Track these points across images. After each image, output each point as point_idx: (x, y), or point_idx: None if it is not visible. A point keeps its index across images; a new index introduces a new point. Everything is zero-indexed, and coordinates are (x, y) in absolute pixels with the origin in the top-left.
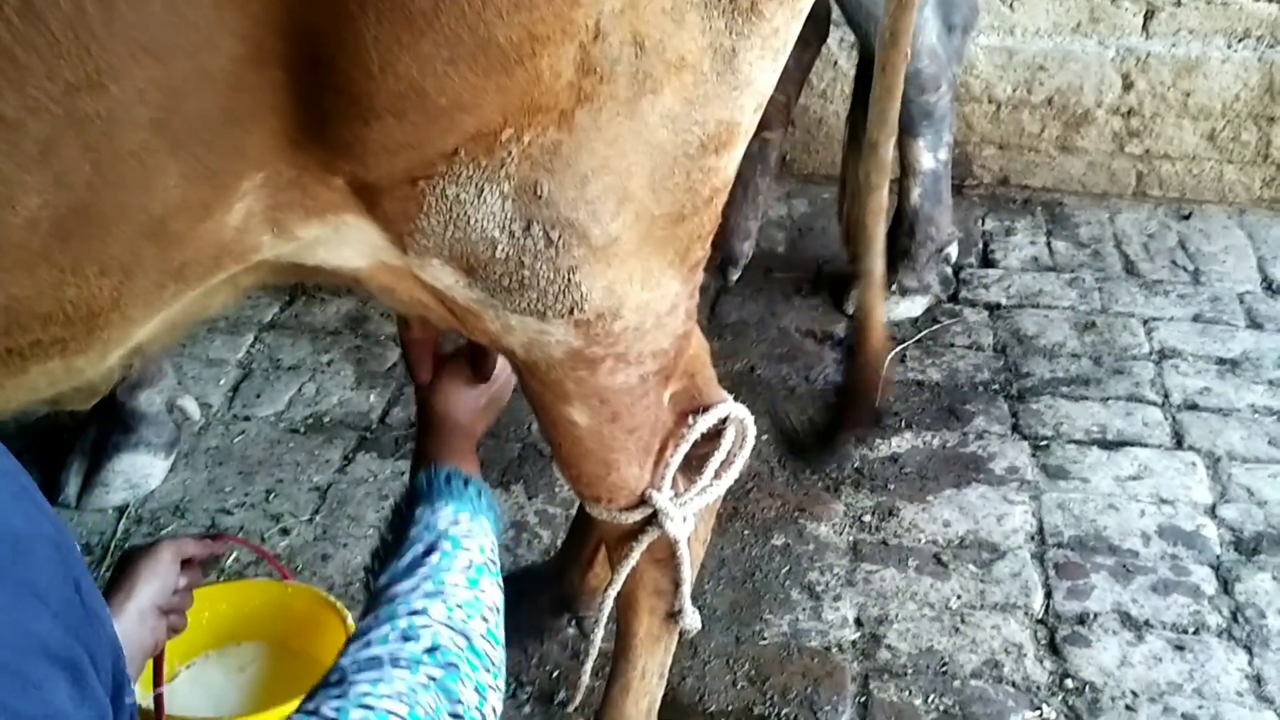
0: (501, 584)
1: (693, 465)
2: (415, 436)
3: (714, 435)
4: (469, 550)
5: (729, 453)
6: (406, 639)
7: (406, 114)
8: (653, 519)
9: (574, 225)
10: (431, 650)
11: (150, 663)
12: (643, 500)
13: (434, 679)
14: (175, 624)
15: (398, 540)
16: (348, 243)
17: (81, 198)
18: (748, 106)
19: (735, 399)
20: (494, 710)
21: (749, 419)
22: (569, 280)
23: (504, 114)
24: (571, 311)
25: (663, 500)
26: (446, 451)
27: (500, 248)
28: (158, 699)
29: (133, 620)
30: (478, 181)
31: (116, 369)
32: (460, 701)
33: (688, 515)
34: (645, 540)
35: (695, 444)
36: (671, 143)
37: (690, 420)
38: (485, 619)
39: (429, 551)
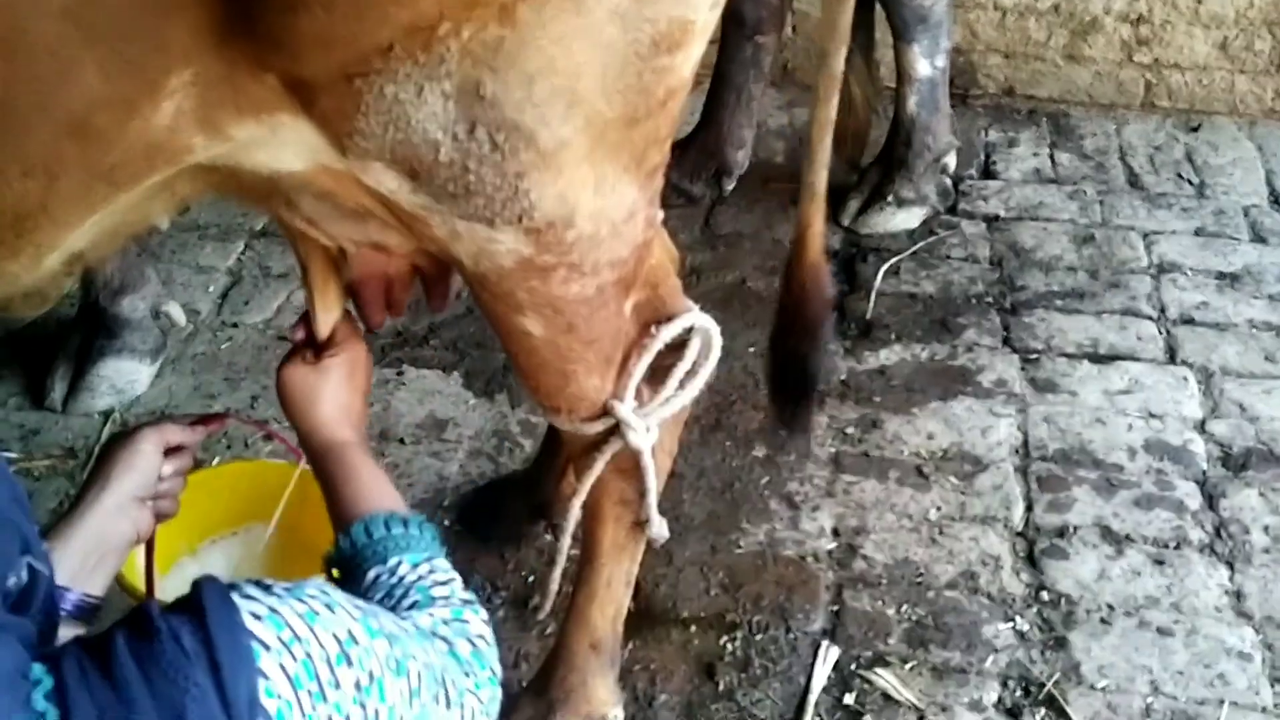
0: (485, 618)
1: (657, 376)
2: (312, 460)
3: (679, 346)
4: (442, 597)
5: (694, 363)
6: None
7: (335, 4)
8: (615, 430)
9: (520, 128)
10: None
11: (139, 550)
12: (605, 411)
13: (405, 629)
14: (163, 510)
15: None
16: (285, 144)
17: None
18: (702, 3)
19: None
20: (473, 711)
21: (714, 329)
22: (516, 187)
23: (440, 6)
24: (520, 219)
25: (625, 411)
26: (357, 480)
27: (444, 151)
28: (149, 585)
29: (109, 512)
30: (417, 80)
31: (61, 276)
32: (426, 655)
33: (651, 426)
34: (608, 451)
35: (660, 354)
36: (621, 41)
37: (653, 330)
38: (472, 642)
39: (403, 603)
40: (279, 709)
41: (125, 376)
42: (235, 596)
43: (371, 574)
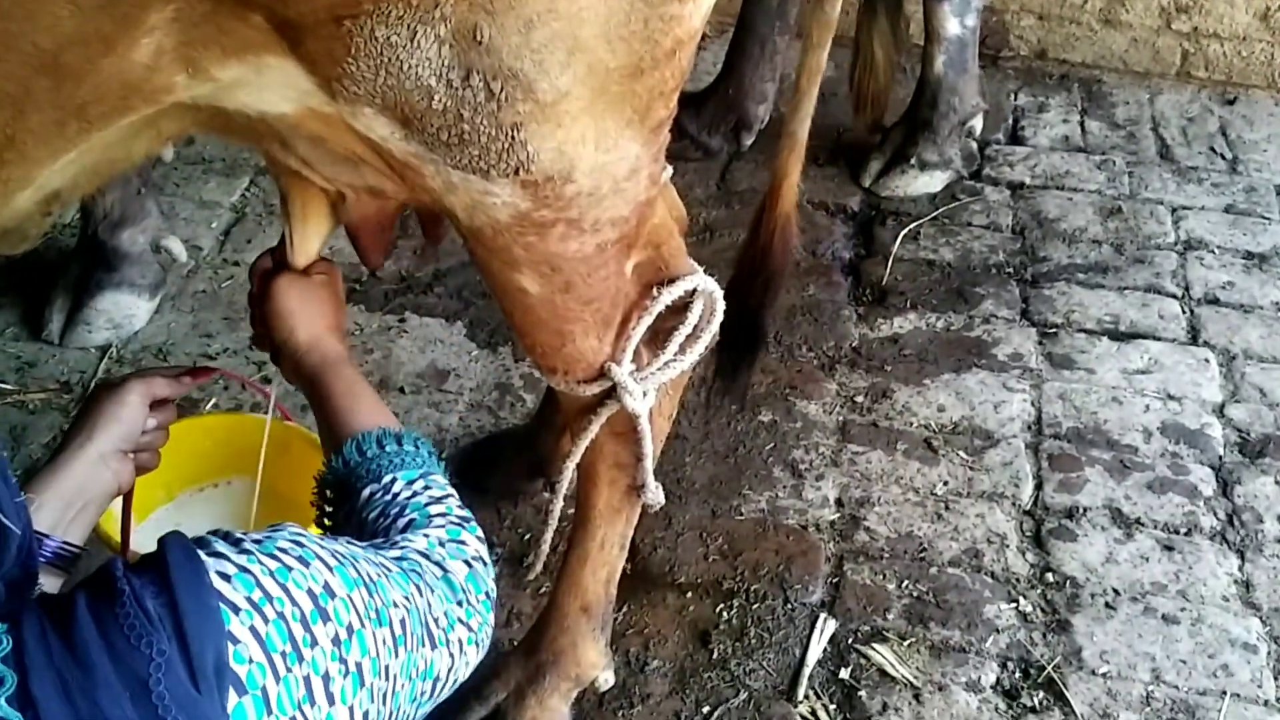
0: (481, 536)
1: (658, 339)
2: (304, 376)
3: (681, 308)
4: (441, 514)
5: (695, 326)
6: (378, 549)
7: None
8: (612, 392)
9: (518, 76)
10: (400, 559)
11: (118, 500)
12: (602, 373)
13: (387, 569)
14: (144, 463)
15: (351, 525)
16: (271, 86)
17: None
18: None
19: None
20: (460, 642)
21: (718, 292)
22: (513, 137)
23: None
24: (517, 171)
25: (621, 374)
26: (351, 396)
27: (437, 98)
28: (124, 536)
29: (91, 462)
30: (410, 23)
31: (38, 215)
32: (409, 598)
33: (649, 390)
34: (604, 413)
35: (661, 317)
36: None
37: (655, 292)
38: (469, 564)
39: (398, 522)
40: (249, 673)
41: (123, 311)
42: (203, 555)
43: (366, 492)
